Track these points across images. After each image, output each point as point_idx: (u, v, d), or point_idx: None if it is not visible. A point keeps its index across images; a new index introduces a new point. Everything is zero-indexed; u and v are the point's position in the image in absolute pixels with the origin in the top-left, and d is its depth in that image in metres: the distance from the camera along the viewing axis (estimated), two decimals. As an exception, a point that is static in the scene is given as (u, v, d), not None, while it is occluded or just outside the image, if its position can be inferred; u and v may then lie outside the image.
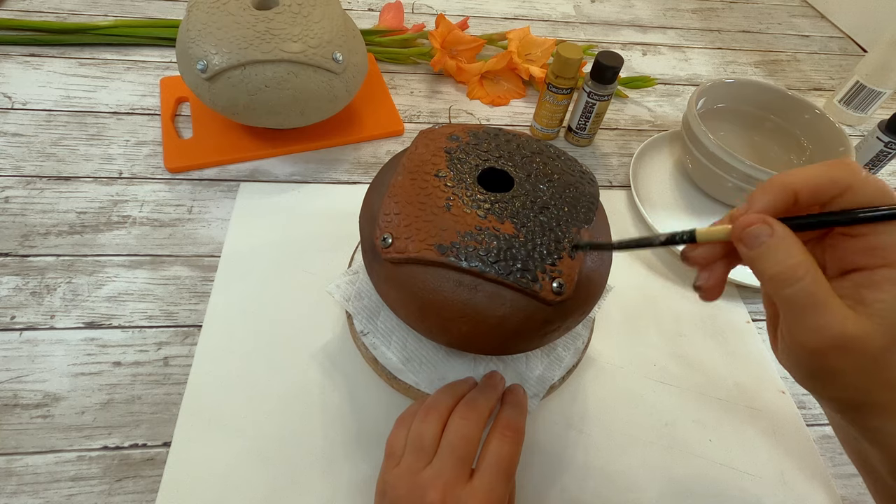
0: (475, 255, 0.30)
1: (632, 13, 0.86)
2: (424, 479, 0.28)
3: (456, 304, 0.30)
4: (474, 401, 0.32)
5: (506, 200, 0.32)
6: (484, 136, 0.36)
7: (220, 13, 0.46)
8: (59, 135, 0.54)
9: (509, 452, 0.30)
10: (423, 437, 0.30)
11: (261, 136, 0.55)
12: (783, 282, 0.20)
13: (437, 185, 0.32)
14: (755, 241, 0.21)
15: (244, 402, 0.38)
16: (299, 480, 0.36)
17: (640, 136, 0.64)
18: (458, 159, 0.34)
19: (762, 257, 0.21)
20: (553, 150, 0.36)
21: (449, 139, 0.35)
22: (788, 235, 0.21)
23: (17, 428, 0.36)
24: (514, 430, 0.31)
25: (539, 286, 0.29)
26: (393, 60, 0.68)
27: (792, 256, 0.20)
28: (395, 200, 0.32)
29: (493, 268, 0.29)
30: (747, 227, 0.21)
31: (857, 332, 0.20)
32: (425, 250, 0.30)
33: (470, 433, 0.30)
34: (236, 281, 0.45)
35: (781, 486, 0.38)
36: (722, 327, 0.47)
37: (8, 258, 0.44)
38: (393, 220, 0.32)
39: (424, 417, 0.31)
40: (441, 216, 0.31)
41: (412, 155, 0.35)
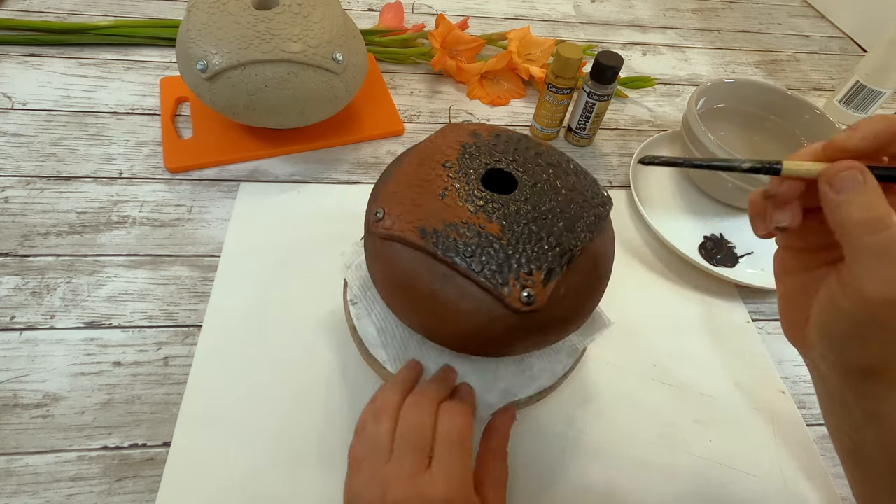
0: (453, 246, 0.30)
1: (632, 13, 0.86)
2: (385, 476, 0.28)
3: (425, 289, 0.31)
4: (424, 390, 0.32)
5: (502, 202, 0.32)
6: (505, 139, 0.36)
7: (220, 13, 0.46)
8: (59, 135, 0.54)
9: (458, 427, 0.29)
10: (378, 436, 0.29)
11: (261, 136, 0.55)
12: (872, 227, 0.20)
13: (441, 174, 0.33)
14: (846, 186, 0.21)
15: (244, 401, 0.38)
16: (300, 480, 0.36)
17: (640, 136, 0.64)
18: (470, 154, 0.34)
19: (850, 202, 0.21)
20: (572, 166, 0.35)
21: (470, 135, 0.36)
22: (877, 186, 0.21)
23: (17, 428, 0.36)
24: (460, 407, 0.31)
25: (507, 291, 0.29)
26: (393, 60, 0.69)
27: (879, 206, 0.20)
28: (398, 180, 0.33)
29: (466, 262, 0.29)
30: (840, 171, 0.21)
31: None
32: (409, 231, 0.31)
33: (421, 421, 0.29)
34: (236, 281, 0.45)
35: (781, 486, 0.38)
36: (722, 327, 0.47)
37: (8, 258, 0.44)
38: (390, 198, 0.32)
39: (376, 419, 0.30)
40: (433, 203, 0.31)
41: (430, 142, 0.35)
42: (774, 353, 0.46)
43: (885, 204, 0.20)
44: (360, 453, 0.30)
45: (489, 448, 0.33)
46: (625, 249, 0.52)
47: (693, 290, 0.49)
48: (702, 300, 0.49)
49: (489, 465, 0.32)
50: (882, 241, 0.20)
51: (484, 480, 0.31)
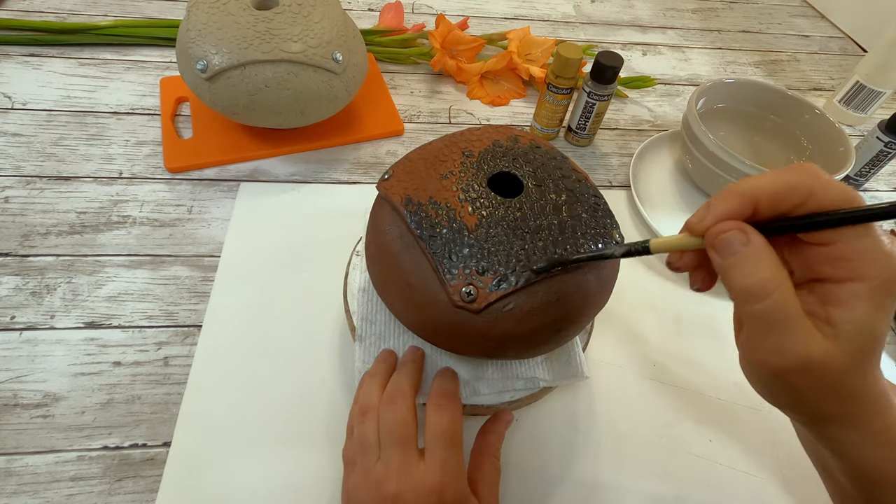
0: (426, 221, 0.31)
1: (632, 13, 0.86)
2: (378, 474, 0.28)
3: (390, 252, 0.32)
4: (396, 384, 0.32)
5: (493, 203, 0.32)
6: (540, 151, 0.36)
7: (220, 13, 0.46)
8: (59, 135, 0.54)
9: (449, 420, 0.30)
10: (366, 436, 0.30)
11: (261, 136, 0.55)
12: (753, 296, 0.19)
13: (457, 159, 0.34)
14: (728, 250, 0.20)
15: (244, 401, 0.38)
16: (300, 479, 0.36)
17: (640, 136, 0.64)
18: (495, 153, 0.35)
19: (734, 267, 0.20)
20: (594, 202, 0.34)
21: (509, 138, 0.36)
22: (764, 246, 0.19)
23: (17, 428, 0.36)
24: (448, 397, 0.31)
25: (453, 281, 0.29)
26: (393, 60, 0.68)
27: (764, 269, 0.19)
28: (421, 151, 0.35)
29: (427, 240, 0.30)
30: (721, 234, 0.20)
31: (821, 355, 0.19)
32: (398, 195, 0.32)
33: (401, 416, 0.30)
34: (236, 281, 0.45)
35: (782, 486, 0.38)
36: (722, 327, 0.47)
37: (8, 258, 0.44)
38: (404, 164, 0.34)
39: (361, 418, 0.31)
40: (433, 180, 0.33)
41: (467, 132, 0.37)
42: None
43: (773, 264, 0.19)
44: (352, 455, 0.30)
45: (483, 446, 0.33)
46: (625, 249, 0.52)
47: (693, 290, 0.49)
48: (702, 300, 0.49)
49: (482, 464, 0.32)
50: (767, 310, 0.19)
51: (476, 478, 0.31)
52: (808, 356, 0.19)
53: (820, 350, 0.19)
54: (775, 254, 0.20)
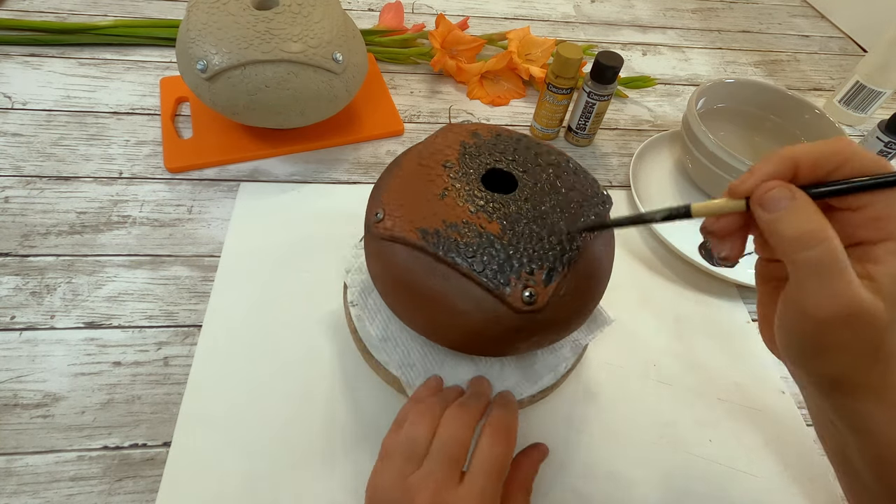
0: (454, 246, 0.30)
1: (632, 13, 0.86)
2: (415, 481, 0.28)
3: (425, 290, 0.31)
4: (465, 404, 0.32)
5: (502, 202, 0.32)
6: (504, 139, 0.36)
7: (220, 13, 0.46)
8: (59, 135, 0.54)
9: (501, 453, 0.29)
10: (414, 440, 0.30)
11: (261, 136, 0.55)
12: (804, 244, 0.20)
13: (441, 174, 0.33)
14: (776, 205, 0.21)
15: (244, 401, 0.38)
16: (300, 479, 0.36)
17: (640, 136, 0.64)
18: (470, 154, 0.34)
19: (782, 220, 0.21)
20: (572, 165, 0.35)
21: (471, 135, 0.36)
22: (808, 200, 0.20)
23: (17, 428, 0.36)
24: (506, 431, 0.31)
25: (509, 291, 0.29)
26: (393, 60, 0.68)
27: (813, 220, 0.20)
28: (398, 180, 0.33)
29: (467, 262, 0.29)
30: (768, 191, 0.21)
31: (870, 303, 0.19)
32: (409, 232, 0.31)
33: (461, 435, 0.29)
34: (236, 281, 0.45)
35: (781, 486, 0.38)
36: (722, 327, 0.47)
37: (8, 258, 0.44)
38: (391, 199, 0.32)
39: (418, 421, 0.31)
40: (434, 203, 0.31)
41: (429, 142, 0.35)
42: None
43: (820, 217, 0.20)
44: (393, 449, 0.30)
45: (515, 478, 0.32)
46: (625, 249, 0.52)
47: (693, 290, 0.49)
48: (702, 300, 0.49)
49: (514, 497, 0.31)
50: (817, 256, 0.20)
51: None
52: (859, 303, 0.19)
53: (868, 299, 0.19)
54: (819, 209, 0.20)
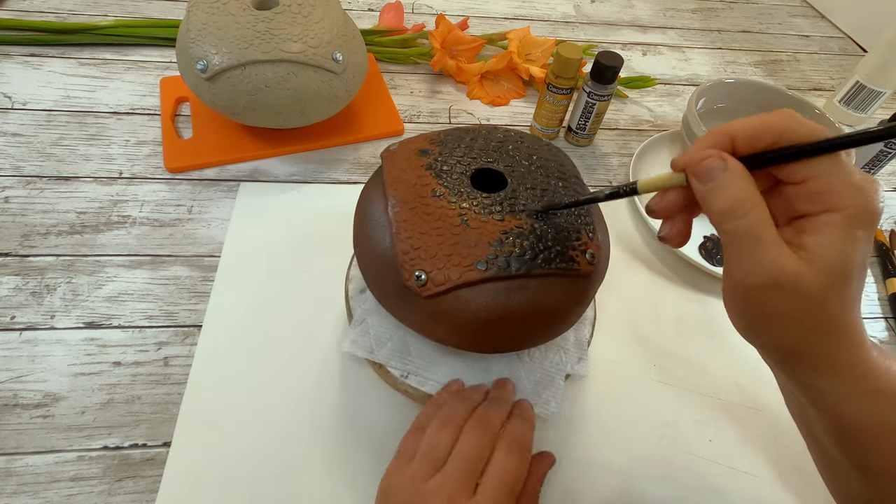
0: (515, 258, 0.30)
1: (632, 13, 0.86)
2: (429, 487, 0.28)
3: (514, 309, 0.30)
4: (487, 414, 0.32)
5: (510, 196, 0.32)
6: (450, 141, 0.35)
7: (220, 13, 0.46)
8: (59, 135, 0.54)
9: (515, 469, 0.29)
10: (436, 446, 0.30)
11: (261, 136, 0.55)
12: (729, 215, 0.21)
13: (440, 205, 0.32)
14: (708, 175, 0.21)
15: (244, 401, 0.38)
16: (300, 479, 0.36)
17: (640, 136, 0.64)
18: (443, 172, 0.33)
19: (713, 191, 0.21)
20: (514, 134, 0.36)
21: (421, 155, 0.35)
22: (741, 171, 0.21)
23: (17, 428, 0.36)
24: (521, 446, 0.31)
25: (577, 264, 0.31)
26: (393, 60, 0.68)
27: (741, 191, 0.20)
28: (407, 236, 0.31)
29: (534, 264, 0.30)
30: (702, 161, 0.21)
31: (794, 272, 0.20)
32: (468, 272, 0.29)
33: (481, 448, 0.29)
34: (236, 281, 0.45)
35: (781, 486, 0.38)
36: (722, 327, 0.47)
37: (8, 258, 0.44)
38: (416, 256, 0.30)
39: (441, 427, 0.31)
40: (463, 234, 0.30)
41: (395, 183, 0.33)
42: (774, 353, 0.46)
43: (750, 188, 0.21)
44: (412, 451, 0.30)
45: (524, 488, 0.32)
46: (625, 249, 0.52)
47: (693, 290, 0.49)
48: (702, 300, 0.49)
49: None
50: (741, 227, 0.20)
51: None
52: (781, 271, 0.20)
53: (792, 267, 0.20)
54: (752, 179, 0.21)
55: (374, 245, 0.32)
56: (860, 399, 0.22)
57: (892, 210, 0.61)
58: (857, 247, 0.20)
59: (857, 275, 0.20)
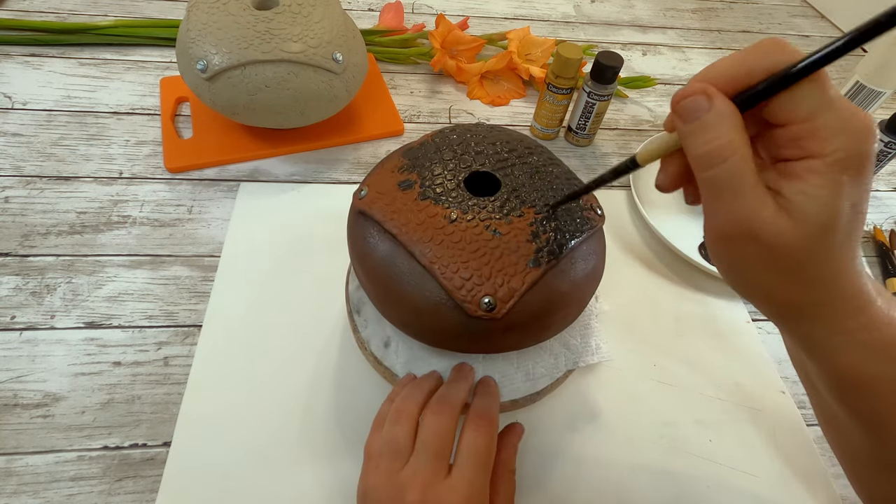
0: (556, 242, 0.31)
1: (632, 13, 0.86)
2: (402, 479, 0.28)
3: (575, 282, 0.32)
4: (446, 395, 0.32)
5: (513, 190, 0.32)
6: (419, 161, 0.34)
7: (220, 13, 0.46)
8: (59, 135, 0.54)
9: (485, 442, 0.29)
10: (396, 438, 0.29)
11: (261, 136, 0.55)
12: (707, 161, 0.19)
13: (462, 227, 0.30)
14: (691, 115, 0.19)
15: (244, 401, 0.38)
16: (300, 480, 0.36)
17: (640, 136, 0.64)
18: (440, 196, 0.31)
19: (694, 133, 0.19)
20: (467, 130, 0.35)
21: (405, 188, 0.32)
22: (728, 111, 0.19)
23: (17, 428, 0.36)
24: (488, 420, 0.31)
25: (594, 219, 0.33)
26: (393, 60, 0.68)
27: (722, 136, 0.19)
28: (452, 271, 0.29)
29: (573, 238, 0.31)
30: (685, 98, 0.19)
31: (772, 223, 0.19)
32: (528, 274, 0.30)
33: (443, 429, 0.29)
34: (236, 281, 0.45)
35: (781, 486, 0.38)
36: (722, 327, 0.47)
37: (8, 258, 0.44)
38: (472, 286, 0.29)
39: (396, 419, 0.30)
40: (500, 243, 0.30)
41: (403, 228, 0.31)
42: (774, 353, 0.46)
43: (733, 131, 0.19)
44: (377, 451, 0.30)
45: (499, 462, 0.32)
46: (625, 249, 0.52)
47: (693, 290, 0.49)
48: (702, 300, 0.49)
49: (499, 481, 0.31)
50: (719, 175, 0.19)
51: (494, 496, 0.30)
52: (757, 221, 0.19)
53: (769, 217, 0.19)
54: (739, 118, 0.19)
55: (416, 296, 0.30)
56: (859, 351, 0.20)
57: (892, 210, 0.61)
58: (842, 193, 0.18)
59: (847, 223, 0.19)
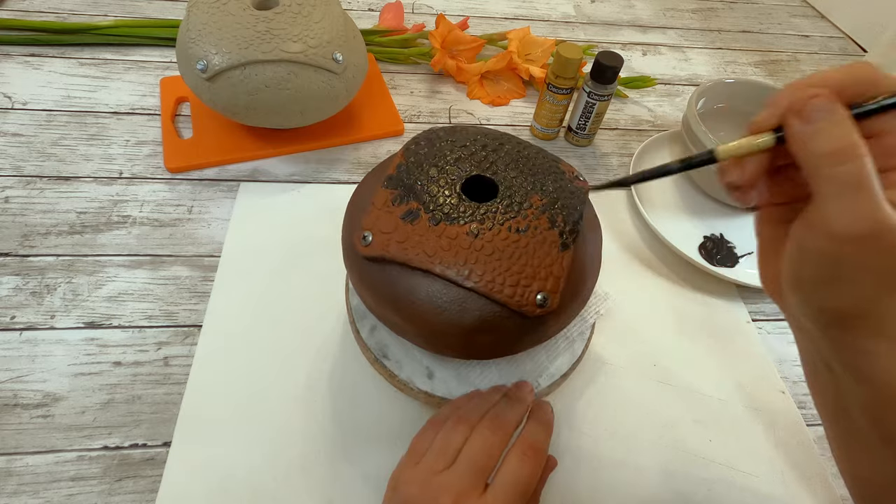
0: (573, 222, 0.32)
1: (632, 13, 0.86)
2: (439, 483, 0.28)
3: (590, 254, 0.33)
4: (502, 414, 0.32)
5: (510, 187, 0.32)
6: (404, 184, 0.33)
7: (221, 13, 0.46)
8: (59, 135, 0.54)
9: (528, 473, 0.29)
10: (449, 443, 0.30)
11: (261, 136, 0.55)
12: (833, 158, 0.19)
13: (489, 238, 0.30)
14: (816, 115, 0.20)
15: (244, 401, 0.38)
16: (300, 480, 0.36)
17: (640, 136, 0.64)
18: (450, 217, 0.31)
19: (820, 133, 0.19)
20: (438, 134, 0.35)
21: (411, 219, 0.31)
22: (848, 116, 0.20)
23: (17, 428, 0.36)
24: (536, 451, 0.30)
25: (582, 188, 0.33)
26: (393, 60, 0.68)
27: (850, 136, 0.19)
28: (500, 282, 0.29)
29: (582, 208, 0.33)
30: (811, 99, 0.20)
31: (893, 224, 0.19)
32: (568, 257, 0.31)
33: (492, 447, 0.29)
34: (236, 281, 0.45)
35: (781, 486, 0.38)
36: (722, 327, 0.47)
37: (8, 258, 0.44)
38: (525, 287, 0.30)
39: (455, 426, 0.31)
40: (531, 240, 0.30)
41: (429, 260, 0.30)
42: (774, 353, 0.46)
43: (857, 134, 0.19)
44: (423, 448, 0.30)
45: (533, 491, 0.32)
46: (625, 249, 0.52)
47: (693, 290, 0.49)
48: (702, 300, 0.49)
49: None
50: (850, 171, 0.19)
51: None
52: (886, 222, 0.19)
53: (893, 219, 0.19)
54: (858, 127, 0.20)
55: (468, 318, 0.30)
56: None
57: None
58: None
59: None
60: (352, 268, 0.34)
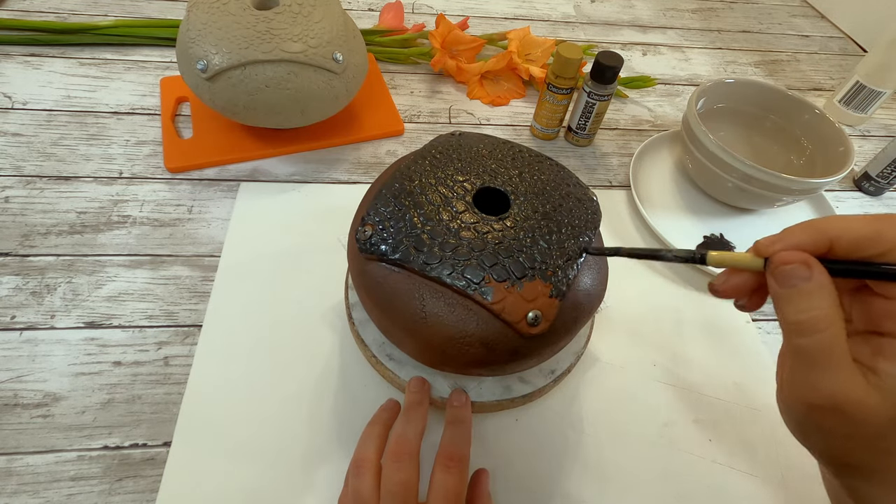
0: (587, 241, 0.33)
1: (632, 13, 0.86)
2: None
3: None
4: (402, 437, 0.31)
5: (521, 198, 0.32)
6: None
7: (221, 13, 0.46)
8: (59, 135, 0.54)
9: (455, 482, 0.29)
10: (360, 493, 0.29)
11: (261, 136, 0.55)
12: (801, 329, 0.19)
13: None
14: (788, 281, 0.20)
15: (244, 401, 0.38)
16: (300, 480, 0.36)
17: (640, 136, 0.64)
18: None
19: (789, 299, 0.20)
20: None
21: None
22: (825, 284, 0.19)
23: (17, 428, 0.36)
24: (458, 460, 0.30)
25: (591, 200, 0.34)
26: (393, 60, 0.69)
27: (818, 308, 0.19)
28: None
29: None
30: (785, 265, 0.20)
31: (857, 400, 0.19)
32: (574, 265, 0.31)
33: (406, 477, 0.29)
34: (236, 281, 0.45)
35: (781, 486, 0.38)
36: (722, 327, 0.47)
37: (8, 258, 0.44)
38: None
39: (356, 473, 0.30)
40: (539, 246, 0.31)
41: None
42: (774, 353, 0.46)
43: (829, 304, 0.19)
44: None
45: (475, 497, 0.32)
46: (625, 249, 0.52)
47: (693, 290, 0.49)
48: (702, 300, 0.49)
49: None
50: (811, 345, 0.19)
51: None
52: (844, 397, 0.19)
53: (858, 395, 0.19)
54: (835, 293, 0.19)
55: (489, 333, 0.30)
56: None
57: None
58: None
59: None
60: (352, 267, 0.34)
